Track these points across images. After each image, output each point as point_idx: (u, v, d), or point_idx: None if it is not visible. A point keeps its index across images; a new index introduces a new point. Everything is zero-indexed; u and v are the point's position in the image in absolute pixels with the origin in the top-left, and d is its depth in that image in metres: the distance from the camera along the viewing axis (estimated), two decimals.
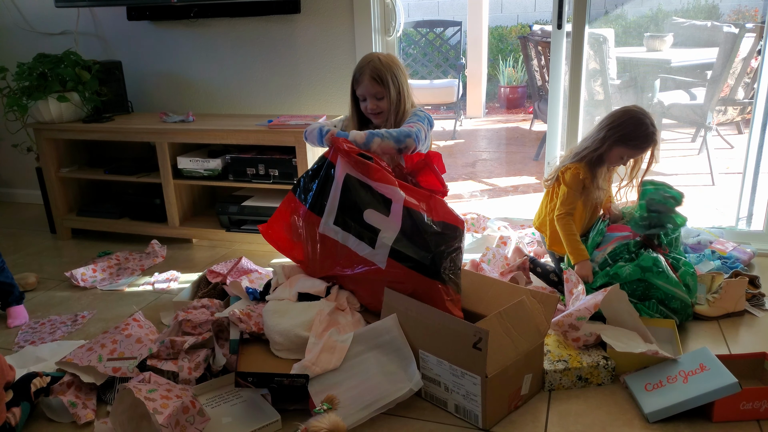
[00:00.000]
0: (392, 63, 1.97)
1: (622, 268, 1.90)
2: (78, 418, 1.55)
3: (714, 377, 1.47)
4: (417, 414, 1.56)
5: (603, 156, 2.01)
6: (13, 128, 2.99)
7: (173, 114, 2.86)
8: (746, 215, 2.61)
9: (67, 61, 2.78)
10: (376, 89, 1.95)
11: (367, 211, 1.74)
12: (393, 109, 1.97)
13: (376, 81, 1.94)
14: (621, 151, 1.99)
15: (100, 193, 3.14)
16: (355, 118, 2.07)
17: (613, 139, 1.97)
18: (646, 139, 1.96)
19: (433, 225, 1.69)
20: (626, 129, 1.95)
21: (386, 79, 1.94)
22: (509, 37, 6.86)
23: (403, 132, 1.85)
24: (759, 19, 5.32)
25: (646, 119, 1.95)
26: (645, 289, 1.88)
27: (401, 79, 1.97)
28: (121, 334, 1.76)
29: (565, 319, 1.69)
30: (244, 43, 2.91)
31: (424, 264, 1.66)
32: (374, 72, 1.94)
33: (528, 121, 5.62)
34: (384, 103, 1.96)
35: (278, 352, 1.63)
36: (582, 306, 1.70)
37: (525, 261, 2.19)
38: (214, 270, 2.17)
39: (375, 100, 1.97)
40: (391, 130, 1.86)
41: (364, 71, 1.96)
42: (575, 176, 2.03)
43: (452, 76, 5.45)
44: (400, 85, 1.96)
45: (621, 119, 1.96)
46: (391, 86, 1.94)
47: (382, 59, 1.97)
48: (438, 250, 1.67)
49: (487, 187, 3.86)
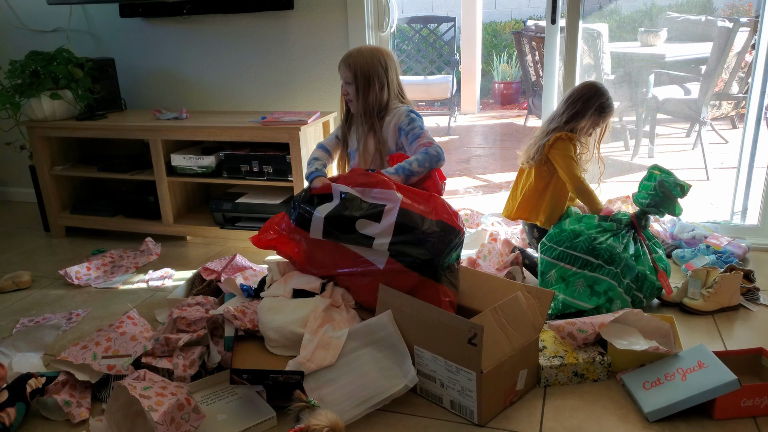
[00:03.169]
0: (375, 53, 2.00)
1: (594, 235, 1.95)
2: (72, 417, 1.55)
3: (713, 375, 1.47)
4: (412, 410, 1.56)
5: (577, 126, 2.13)
6: (6, 126, 2.97)
7: (167, 111, 2.84)
8: (741, 210, 2.62)
9: (59, 59, 2.77)
10: (346, 74, 2.00)
11: (359, 221, 1.74)
12: (361, 95, 1.99)
13: (347, 67, 1.99)
14: (596, 120, 2.13)
15: (94, 190, 3.12)
16: (344, 107, 2.11)
17: (592, 109, 2.10)
18: (613, 107, 2.14)
19: (432, 225, 1.69)
20: (601, 99, 2.10)
21: (355, 66, 1.97)
22: (503, 33, 6.86)
23: (430, 156, 1.89)
24: (753, 13, 5.33)
25: (606, 90, 2.13)
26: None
27: (377, 70, 1.98)
28: (115, 332, 1.75)
29: (567, 326, 1.69)
30: (237, 39, 2.90)
31: (422, 262, 1.66)
32: (348, 58, 2.00)
33: (522, 116, 5.62)
34: (352, 88, 2.00)
35: (273, 349, 1.63)
36: (588, 320, 1.69)
37: (518, 256, 2.20)
38: (208, 267, 2.16)
39: (346, 84, 2.03)
40: (414, 159, 1.89)
41: (343, 57, 2.02)
42: (568, 142, 2.10)
43: (446, 72, 5.44)
44: (371, 74, 1.97)
45: (592, 92, 2.11)
46: (358, 71, 1.97)
47: (365, 50, 2.01)
48: (436, 249, 1.66)
49: (482, 183, 3.86)
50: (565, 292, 1.92)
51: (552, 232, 2.05)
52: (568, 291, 1.91)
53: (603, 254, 1.91)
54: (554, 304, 1.92)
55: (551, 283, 1.96)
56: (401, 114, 1.99)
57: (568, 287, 1.92)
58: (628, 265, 1.92)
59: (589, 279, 1.90)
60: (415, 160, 1.89)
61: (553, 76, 2.62)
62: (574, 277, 1.92)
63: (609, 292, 1.88)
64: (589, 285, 1.90)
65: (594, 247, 1.92)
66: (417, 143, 1.94)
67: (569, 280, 1.93)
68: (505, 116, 5.89)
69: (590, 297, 1.89)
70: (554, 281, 1.96)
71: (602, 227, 1.99)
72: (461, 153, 4.61)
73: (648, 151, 3.93)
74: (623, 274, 1.91)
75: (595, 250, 1.92)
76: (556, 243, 1.99)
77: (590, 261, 1.92)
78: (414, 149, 1.94)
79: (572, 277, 1.92)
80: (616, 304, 1.89)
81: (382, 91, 1.99)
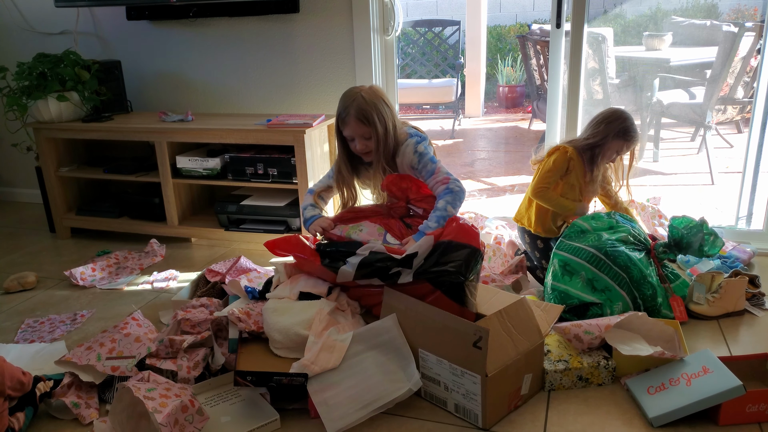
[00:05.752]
0: (376, 98, 1.91)
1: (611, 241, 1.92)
2: (82, 418, 1.56)
3: (718, 380, 1.46)
4: (416, 413, 1.56)
5: (598, 148, 2.12)
6: (13, 128, 2.99)
7: (172, 113, 2.85)
8: (746, 214, 2.61)
9: (66, 61, 2.78)
10: (362, 130, 1.90)
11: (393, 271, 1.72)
12: (382, 147, 1.93)
13: (362, 122, 1.88)
14: (618, 145, 2.13)
15: (100, 192, 3.14)
16: (345, 158, 2.02)
17: (614, 132, 2.10)
18: (637, 134, 2.14)
19: (457, 248, 1.68)
20: (624, 123, 2.12)
21: (372, 119, 1.88)
22: (508, 37, 6.87)
23: (457, 195, 1.87)
24: (758, 18, 5.32)
25: (631, 117, 2.15)
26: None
27: (386, 113, 1.91)
28: (120, 333, 1.76)
29: (574, 328, 1.68)
30: (243, 42, 2.91)
31: (449, 284, 1.65)
32: (359, 113, 1.88)
33: (527, 120, 5.62)
34: (372, 142, 1.92)
35: (277, 351, 1.63)
36: (594, 322, 1.68)
37: (522, 259, 2.20)
38: (212, 269, 2.17)
39: (363, 140, 1.92)
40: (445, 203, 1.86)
41: (349, 112, 1.90)
42: (563, 155, 2.12)
43: (451, 76, 5.45)
44: (385, 121, 1.91)
45: (616, 115, 2.13)
46: (378, 124, 1.89)
47: (366, 96, 1.90)
48: (463, 271, 1.66)
49: (486, 186, 3.86)
50: (569, 283, 1.90)
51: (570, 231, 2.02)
52: (572, 283, 1.89)
53: (619, 258, 1.87)
54: (554, 294, 1.91)
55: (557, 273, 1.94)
56: (409, 153, 1.94)
57: (572, 279, 1.90)
58: (648, 281, 1.88)
59: (589, 273, 1.88)
60: (447, 204, 1.86)
61: (558, 79, 2.62)
62: (579, 267, 1.89)
63: (607, 291, 1.86)
64: (590, 279, 1.88)
65: (609, 251, 1.89)
66: (433, 180, 1.91)
67: (574, 270, 1.90)
68: (509, 120, 5.88)
69: (590, 290, 1.87)
70: (558, 272, 1.94)
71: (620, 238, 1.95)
72: (465, 156, 4.61)
73: (653, 155, 3.92)
74: (639, 285, 1.87)
75: (613, 254, 1.88)
76: (574, 240, 1.97)
77: (598, 257, 1.88)
78: (432, 185, 1.92)
79: (577, 267, 1.90)
80: (618, 306, 1.85)
81: (394, 131, 1.94)
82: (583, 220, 2.02)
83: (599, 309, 1.85)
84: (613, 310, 1.84)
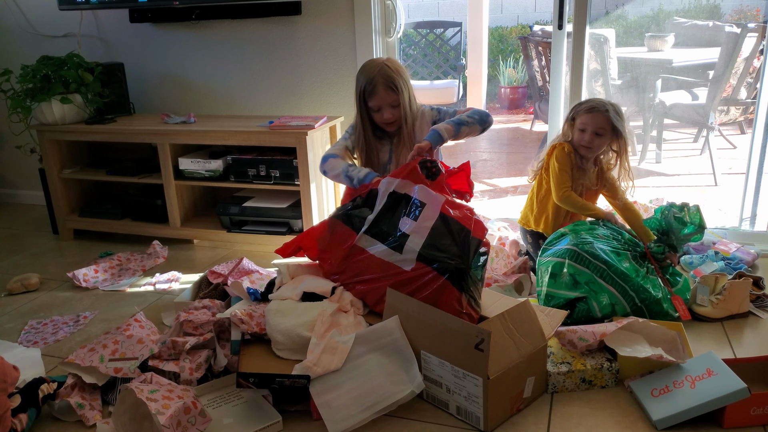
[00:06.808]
0: (399, 67, 1.93)
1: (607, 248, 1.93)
2: (86, 419, 1.56)
3: (722, 382, 1.46)
4: (418, 415, 1.55)
5: (571, 135, 2.14)
6: (17, 130, 3.00)
7: (175, 115, 2.86)
8: (750, 216, 2.60)
9: (70, 64, 2.79)
10: (392, 98, 1.90)
11: (402, 219, 1.75)
12: (409, 114, 1.93)
13: (392, 89, 1.88)
14: (579, 122, 2.09)
15: (102, 194, 3.14)
16: (369, 129, 2.01)
17: (571, 115, 2.13)
18: (593, 104, 2.08)
19: (465, 233, 1.68)
20: (578, 106, 2.14)
21: (400, 86, 1.89)
22: (509, 38, 6.86)
23: (479, 111, 1.88)
24: (761, 18, 5.32)
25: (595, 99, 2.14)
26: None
27: (409, 81, 1.94)
28: (122, 335, 1.76)
29: (568, 333, 1.68)
30: (245, 44, 2.91)
31: (450, 267, 1.64)
32: (388, 81, 1.88)
33: (528, 121, 5.61)
34: (398, 110, 1.92)
35: (280, 352, 1.63)
36: (590, 329, 1.68)
37: (526, 261, 2.19)
38: (215, 270, 2.17)
39: (391, 108, 1.91)
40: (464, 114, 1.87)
41: (376, 81, 1.89)
42: (561, 151, 2.11)
43: (452, 77, 5.45)
44: (409, 89, 1.93)
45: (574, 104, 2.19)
46: (404, 91, 1.89)
47: (390, 65, 1.91)
48: (468, 258, 1.66)
49: (488, 187, 3.85)
50: (553, 285, 1.91)
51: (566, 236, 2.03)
52: (556, 284, 1.91)
53: (596, 252, 1.89)
54: (541, 299, 1.93)
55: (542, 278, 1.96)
56: (427, 113, 1.96)
57: (556, 281, 1.91)
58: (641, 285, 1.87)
59: (570, 268, 1.88)
60: (464, 114, 1.85)
61: (560, 81, 2.62)
62: (560, 267, 1.90)
63: (591, 284, 1.86)
64: (571, 274, 1.88)
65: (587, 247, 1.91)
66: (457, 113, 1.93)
67: (557, 271, 1.91)
68: (511, 121, 5.88)
69: (573, 287, 1.87)
70: (543, 277, 1.95)
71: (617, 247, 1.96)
72: (467, 157, 4.60)
73: (655, 157, 3.91)
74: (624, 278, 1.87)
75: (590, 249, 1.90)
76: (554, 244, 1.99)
77: (576, 252, 1.89)
78: None
79: (558, 268, 1.91)
80: (604, 297, 1.85)
81: (415, 102, 1.95)
82: (566, 227, 2.05)
83: (585, 303, 1.86)
84: (600, 302, 1.84)
